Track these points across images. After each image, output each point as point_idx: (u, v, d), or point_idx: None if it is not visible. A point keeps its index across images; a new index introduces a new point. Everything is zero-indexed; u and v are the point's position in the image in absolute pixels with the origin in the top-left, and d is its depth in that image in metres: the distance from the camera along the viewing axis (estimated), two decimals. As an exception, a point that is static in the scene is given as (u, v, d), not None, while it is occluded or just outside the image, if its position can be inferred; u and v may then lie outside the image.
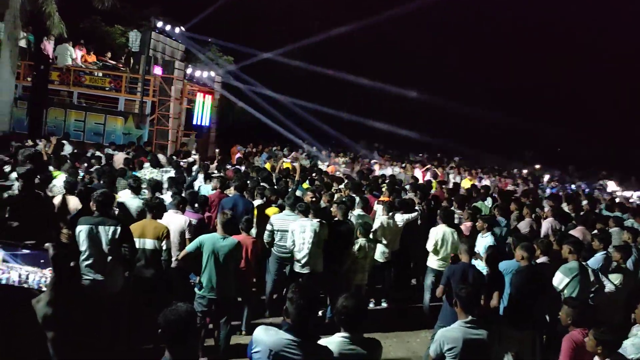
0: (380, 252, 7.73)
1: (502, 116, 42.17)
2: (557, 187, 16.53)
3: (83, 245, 4.96)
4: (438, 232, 7.30)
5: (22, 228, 4.65)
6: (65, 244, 4.95)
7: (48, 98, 15.27)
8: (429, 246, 7.31)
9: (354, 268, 6.95)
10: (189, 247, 5.56)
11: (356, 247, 6.91)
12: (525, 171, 22.59)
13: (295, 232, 6.60)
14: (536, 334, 5.58)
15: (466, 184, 15.58)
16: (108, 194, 5.21)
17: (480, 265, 6.22)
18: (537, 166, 30.41)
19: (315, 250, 6.57)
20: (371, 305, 7.92)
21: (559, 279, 5.52)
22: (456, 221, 8.47)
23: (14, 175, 5.72)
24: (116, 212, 6.36)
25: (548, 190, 15.33)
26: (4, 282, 1.56)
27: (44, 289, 1.57)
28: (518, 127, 41.99)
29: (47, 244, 1.90)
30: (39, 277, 1.58)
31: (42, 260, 1.62)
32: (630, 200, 15.30)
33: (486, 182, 16.70)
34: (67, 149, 11.22)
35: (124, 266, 5.15)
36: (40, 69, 14.57)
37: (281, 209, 7.40)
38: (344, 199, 8.11)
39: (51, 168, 8.06)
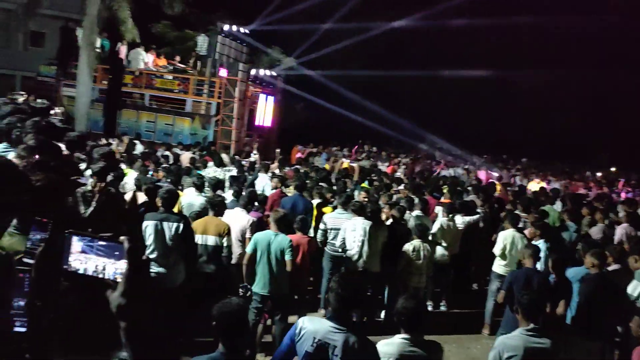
0: (439, 255, 7.57)
1: (577, 116, 40.25)
2: (633, 191, 15.52)
3: (148, 240, 5.22)
4: (507, 237, 7.04)
5: (94, 222, 4.92)
6: (139, 238, 5.23)
7: (121, 100, 16.13)
8: (497, 250, 7.06)
9: (409, 270, 6.82)
10: (248, 248, 5.63)
11: (410, 248, 6.78)
12: (599, 174, 21.34)
13: (347, 230, 6.61)
14: (606, 346, 5.27)
15: (534, 186, 14.96)
16: (173, 191, 5.43)
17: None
18: (613, 169, 28.69)
19: (368, 249, 6.52)
20: (430, 308, 7.78)
21: (633, 286, 5.17)
22: (520, 225, 8.15)
23: (88, 172, 6.07)
24: (182, 210, 6.66)
25: (623, 195, 14.42)
26: (81, 272, 1.67)
27: (119, 280, 1.68)
28: (594, 128, 39.89)
29: (122, 237, 2.02)
30: (115, 268, 1.68)
31: (116, 252, 1.72)
32: None
33: (555, 185, 15.94)
34: (139, 148, 11.79)
35: (185, 261, 5.35)
36: (115, 73, 15.42)
37: (336, 208, 7.42)
38: (401, 200, 8.02)
39: (123, 166, 8.52)
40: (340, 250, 6.79)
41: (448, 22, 37.88)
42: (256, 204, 7.08)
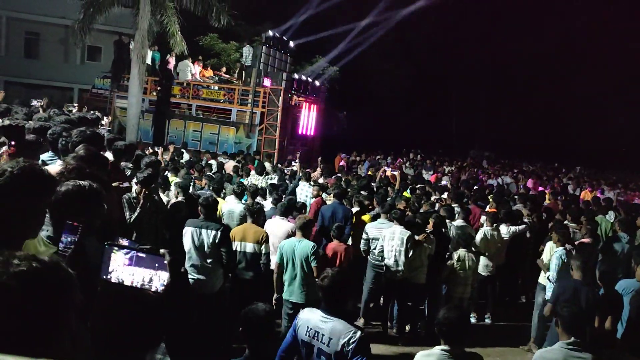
0: (483, 266, 7.39)
1: (633, 123, 38.52)
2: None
3: (187, 246, 5.35)
4: (553, 248, 6.79)
5: (138, 228, 5.10)
6: (178, 248, 5.37)
7: (170, 110, 16.67)
8: (543, 261, 6.82)
9: (454, 280, 6.72)
10: (277, 258, 5.60)
11: (455, 258, 6.68)
12: (657, 183, 20.29)
13: (385, 239, 6.57)
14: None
15: (586, 195, 14.38)
16: (212, 199, 5.54)
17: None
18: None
19: (405, 257, 6.42)
20: (473, 320, 7.58)
21: None
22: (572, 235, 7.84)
23: (134, 180, 6.30)
24: (223, 217, 6.79)
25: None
26: (127, 283, 1.74)
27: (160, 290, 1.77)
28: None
29: (162, 250, 2.10)
30: (160, 280, 1.75)
31: (157, 264, 1.78)
32: None
33: (609, 194, 15.25)
34: (186, 157, 12.12)
35: (223, 267, 5.44)
36: (164, 84, 15.96)
37: (376, 217, 7.37)
38: (442, 209, 7.89)
39: (169, 174, 8.78)
40: (380, 259, 6.75)
41: (499, 22, 37.27)
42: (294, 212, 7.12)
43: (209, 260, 5.33)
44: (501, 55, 38.09)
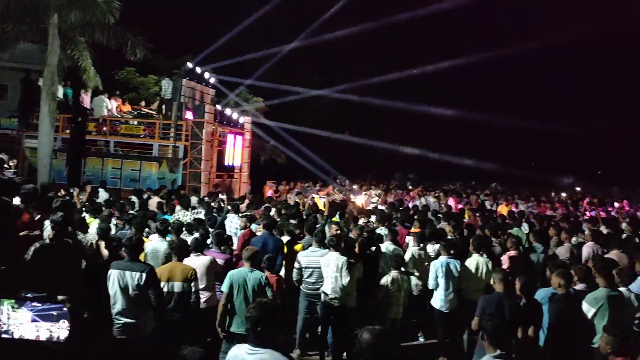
0: (413, 285, 7.54)
1: (542, 141, 41.54)
2: (597, 209, 15.91)
3: (112, 290, 5.08)
4: (471, 263, 7.08)
5: (51, 276, 4.76)
6: (80, 296, 5.07)
7: (86, 148, 15.90)
8: (466, 279, 7.06)
9: (388, 302, 6.80)
10: (224, 287, 5.61)
11: (389, 279, 6.77)
12: (564, 195, 21.86)
13: (322, 266, 6.58)
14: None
15: (502, 210, 15.19)
16: (135, 239, 5.31)
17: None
18: (578, 189, 29.45)
19: (342, 283, 6.45)
20: (421, 339, 7.73)
21: (586, 309, 5.22)
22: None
23: (47, 222, 5.92)
24: (147, 256, 6.51)
25: (587, 214, 14.75)
26: (16, 337, 1.58)
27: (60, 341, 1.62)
28: (557, 151, 41.22)
29: (61, 297, 1.95)
30: (60, 329, 1.60)
31: (53, 313, 1.64)
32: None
33: (523, 207, 16.23)
34: (103, 196, 11.56)
35: (152, 310, 5.19)
36: (78, 121, 15.24)
37: (309, 245, 7.36)
38: (365, 232, 8.03)
39: (87, 215, 8.32)
40: (317, 288, 6.72)
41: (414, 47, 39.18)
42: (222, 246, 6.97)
43: (136, 304, 5.07)
44: (416, 78, 39.99)
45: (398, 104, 39.18)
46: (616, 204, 19.07)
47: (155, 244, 6.61)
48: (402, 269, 7.10)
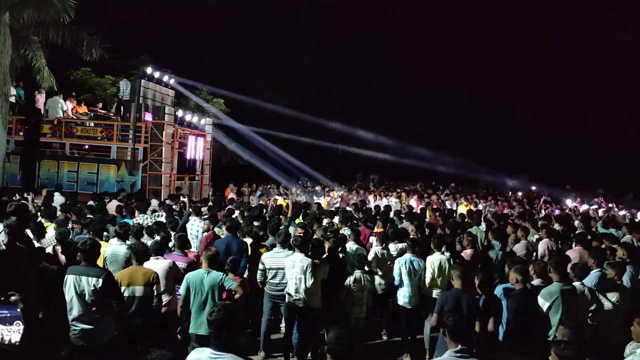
0: (377, 284, 7.62)
1: (500, 141, 42.83)
2: (552, 207, 16.51)
3: (69, 296, 4.94)
4: (434, 260, 7.22)
5: (5, 282, 4.59)
6: (34, 300, 4.92)
7: (40, 151, 15.38)
8: (427, 276, 7.20)
9: (351, 301, 6.82)
10: (181, 289, 5.59)
11: (352, 279, 6.82)
12: (520, 193, 22.57)
13: (287, 267, 6.56)
14: (538, 359, 5.45)
15: (462, 209, 15.55)
16: (91, 243, 5.18)
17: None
18: (533, 188, 30.47)
19: (306, 285, 6.47)
20: (384, 337, 7.81)
21: (541, 303, 5.42)
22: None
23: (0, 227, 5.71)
24: (106, 260, 6.36)
25: (543, 212, 15.28)
26: None
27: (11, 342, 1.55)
28: (515, 150, 42.60)
29: (13, 297, 1.88)
30: (13, 331, 1.55)
31: (8, 314, 1.59)
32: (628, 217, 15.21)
33: (481, 207, 16.68)
34: (58, 199, 11.20)
35: (112, 315, 5.08)
36: (32, 123, 14.72)
37: (272, 247, 7.34)
38: (330, 232, 8.07)
39: (43, 220, 8.05)
40: (281, 289, 6.71)
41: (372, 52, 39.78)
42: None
43: (93, 309, 4.94)
44: (377, 81, 40.65)
45: (357, 106, 39.87)
46: (569, 202, 19.84)
47: (114, 248, 6.47)
48: (366, 268, 7.17)
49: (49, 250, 6.46)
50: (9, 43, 13.69)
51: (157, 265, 5.92)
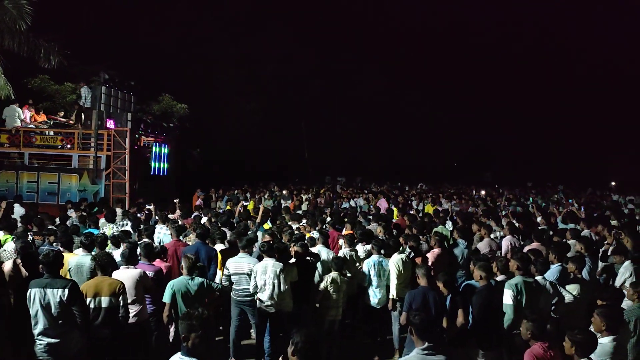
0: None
1: (462, 140, 43.78)
2: (515, 204, 16.94)
3: (33, 309, 4.83)
4: (397, 261, 7.31)
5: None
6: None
7: (-2, 161, 14.88)
8: (392, 277, 7.28)
9: (327, 304, 6.82)
10: (165, 297, 5.76)
11: (328, 280, 6.81)
12: (483, 192, 23.09)
13: (258, 272, 6.53)
14: (504, 353, 5.61)
15: (429, 209, 15.81)
16: (53, 254, 5.07)
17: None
18: (496, 186, 31.23)
19: (279, 290, 6.48)
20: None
21: (508, 294, 5.58)
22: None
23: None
24: (71, 271, 6.22)
25: (506, 210, 15.68)
26: None
27: None
28: (477, 149, 43.60)
29: None
30: None
31: None
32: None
33: (446, 206, 16.99)
34: (19, 211, 10.87)
35: (78, 327, 4.97)
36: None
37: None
38: (299, 236, 8.10)
39: (1, 233, 7.81)
40: (246, 294, 6.68)
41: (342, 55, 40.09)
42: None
43: (60, 322, 4.85)
44: (343, 84, 40.97)
45: (323, 109, 40.09)
46: (531, 199, 20.42)
47: (79, 259, 6.33)
48: (348, 273, 7.19)
49: (9, 263, 6.27)
50: (-39, 50, 13.25)
51: (128, 274, 5.85)
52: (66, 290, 4.81)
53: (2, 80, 14.17)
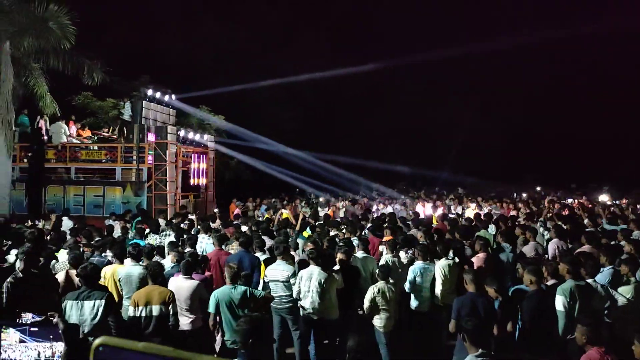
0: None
1: (501, 142, 42.87)
2: (560, 206, 16.48)
3: (70, 320, 4.96)
4: (443, 266, 7.21)
5: (24, 306, 4.62)
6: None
7: (46, 176, 15.48)
8: (437, 283, 7.19)
9: (375, 314, 6.68)
10: (210, 307, 5.85)
11: (375, 290, 6.68)
12: (524, 195, 22.55)
13: (303, 278, 6.55)
14: (555, 359, 5.44)
15: (470, 213, 15.53)
16: (90, 267, 5.20)
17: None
18: (538, 188, 30.42)
19: (323, 298, 6.48)
20: None
21: (560, 301, 5.40)
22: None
23: (12, 257, 5.76)
24: (120, 281, 6.39)
25: (550, 212, 15.24)
26: None
27: None
28: (518, 151, 42.57)
29: (55, 319, 1.93)
30: (53, 351, 1.61)
31: (51, 335, 1.65)
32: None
33: (487, 210, 16.66)
34: (67, 224, 11.25)
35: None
36: (35, 149, 14.84)
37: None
38: (342, 243, 8.07)
39: (52, 245, 8.09)
40: (282, 302, 6.70)
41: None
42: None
43: (96, 333, 4.89)
44: (376, 90, 40.90)
45: (360, 116, 40.07)
46: (576, 200, 19.83)
47: (128, 269, 6.50)
48: (391, 280, 7.09)
49: (62, 274, 6.50)
50: (11, 71, 13.86)
51: (186, 284, 6.02)
52: (102, 301, 4.95)
53: (48, 99, 14.74)
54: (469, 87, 43.74)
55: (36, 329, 1.70)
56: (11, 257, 6.87)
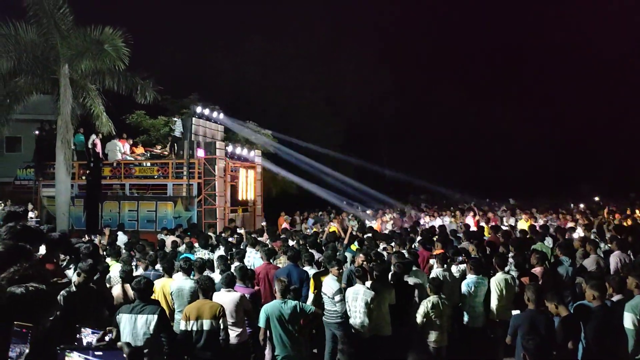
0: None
1: (554, 151, 41.33)
2: (621, 217, 15.66)
3: (124, 334, 4.99)
4: (499, 281, 6.94)
5: (81, 322, 4.74)
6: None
7: (102, 193, 16.09)
8: (493, 298, 6.92)
9: (429, 328, 6.51)
10: (260, 322, 5.89)
11: (428, 305, 6.50)
12: (582, 205, 21.58)
13: (349, 298, 6.50)
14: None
15: (523, 225, 14.99)
16: (144, 281, 5.27)
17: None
18: (596, 198, 29.06)
19: (371, 316, 6.37)
20: None
21: (629, 318, 5.03)
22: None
23: (70, 272, 5.96)
24: (172, 295, 6.49)
25: (610, 223, 14.51)
26: None
27: None
28: (573, 160, 40.82)
29: (120, 343, 1.96)
30: None
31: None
32: None
33: (542, 221, 16.03)
34: (122, 238, 11.61)
35: (165, 354, 5.12)
36: (93, 167, 15.46)
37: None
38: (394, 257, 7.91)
39: (109, 260, 8.34)
40: (332, 316, 6.63)
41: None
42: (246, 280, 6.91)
43: (149, 347, 4.98)
44: (421, 104, 40.51)
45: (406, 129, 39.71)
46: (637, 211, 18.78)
47: (179, 283, 6.59)
48: (442, 294, 6.88)
49: (117, 287, 6.67)
50: (69, 93, 14.55)
51: (228, 297, 6.05)
52: (155, 316, 4.98)
53: (104, 118, 15.34)
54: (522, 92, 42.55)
55: (101, 353, 1.72)
56: (70, 272, 7.13)
